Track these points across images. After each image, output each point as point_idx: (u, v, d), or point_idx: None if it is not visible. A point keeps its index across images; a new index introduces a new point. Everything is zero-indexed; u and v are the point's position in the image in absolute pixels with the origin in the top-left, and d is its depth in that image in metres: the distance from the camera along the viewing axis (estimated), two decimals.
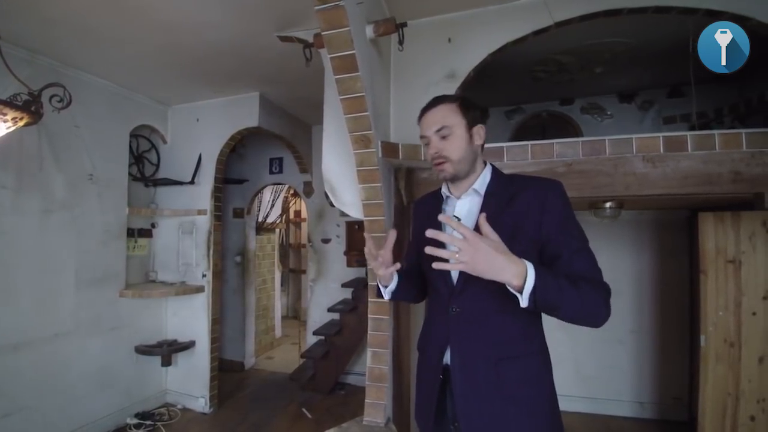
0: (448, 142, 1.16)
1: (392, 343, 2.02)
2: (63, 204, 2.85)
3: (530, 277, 0.93)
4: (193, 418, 3.41)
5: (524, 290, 0.93)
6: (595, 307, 0.99)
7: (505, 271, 0.93)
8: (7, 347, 2.52)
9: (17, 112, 1.48)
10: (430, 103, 1.22)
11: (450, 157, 1.16)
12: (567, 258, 1.05)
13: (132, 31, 2.38)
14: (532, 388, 1.12)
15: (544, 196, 1.11)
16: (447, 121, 1.16)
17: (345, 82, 1.57)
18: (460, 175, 1.18)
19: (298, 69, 2.85)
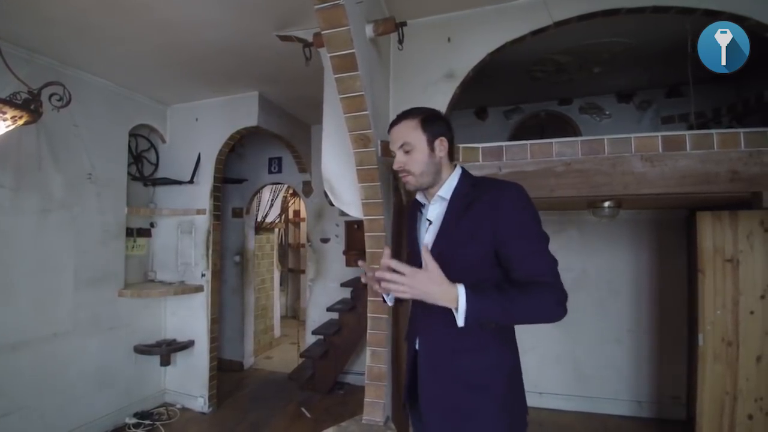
0: (410, 157, 1.25)
1: (391, 341, 2.03)
2: (62, 203, 2.85)
3: (461, 303, 1.03)
4: (192, 418, 3.41)
5: (458, 313, 1.04)
6: (544, 310, 1.09)
7: (440, 300, 1.05)
8: (5, 347, 2.52)
9: (17, 110, 1.48)
10: (395, 119, 1.31)
11: (412, 171, 1.25)
12: (518, 262, 1.13)
13: (131, 30, 2.38)
14: (487, 377, 1.19)
15: (499, 201, 1.16)
16: (408, 138, 1.25)
17: (344, 81, 1.58)
18: (423, 186, 1.28)
19: (298, 68, 2.85)
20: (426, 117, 1.28)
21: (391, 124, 1.31)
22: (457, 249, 1.18)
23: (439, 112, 1.34)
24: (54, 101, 1.55)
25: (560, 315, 1.09)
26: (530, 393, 3.46)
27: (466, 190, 1.25)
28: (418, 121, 1.26)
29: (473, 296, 1.04)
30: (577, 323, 3.50)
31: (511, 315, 1.08)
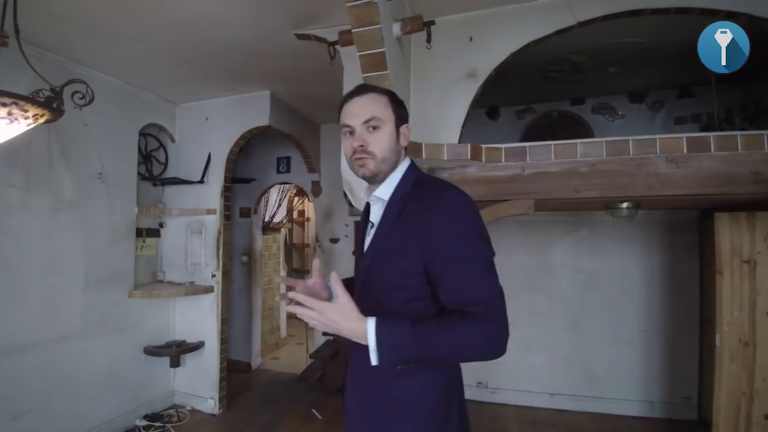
0: (376, 136, 1.04)
1: None
2: (72, 203, 2.81)
3: (370, 341, 0.89)
4: (202, 420, 3.38)
5: (369, 350, 0.89)
6: (469, 348, 0.91)
7: (351, 335, 0.92)
8: (14, 349, 2.48)
9: (39, 108, 1.45)
10: (356, 89, 1.09)
11: (375, 153, 1.03)
12: (446, 285, 0.95)
13: (144, 27, 2.35)
14: (409, 401, 1.02)
15: (429, 210, 0.96)
16: (378, 113, 1.04)
17: (372, 80, 1.56)
18: (380, 176, 1.07)
19: (311, 67, 2.85)
20: (395, 97, 1.10)
21: (349, 95, 1.08)
22: (386, 261, 1.01)
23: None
24: (77, 99, 1.52)
25: (492, 353, 0.92)
26: (541, 394, 3.51)
27: (406, 190, 1.04)
28: (388, 99, 1.07)
29: (384, 332, 0.89)
30: (588, 324, 3.50)
31: (429, 353, 0.89)
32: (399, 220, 1.00)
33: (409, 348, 0.88)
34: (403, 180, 1.07)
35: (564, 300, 3.54)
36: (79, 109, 1.55)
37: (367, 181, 1.10)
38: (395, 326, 0.90)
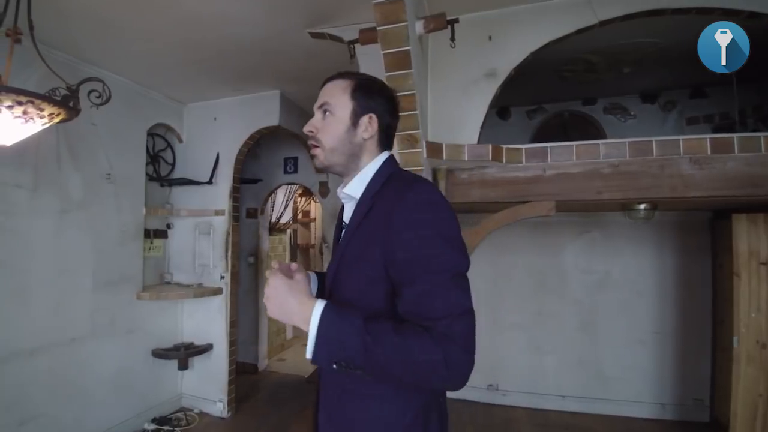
0: (325, 122, 0.96)
1: None
2: (80, 204, 2.78)
3: (312, 325, 0.77)
4: (211, 423, 3.35)
5: (308, 342, 0.77)
6: (421, 366, 0.75)
7: (293, 315, 0.81)
8: (23, 352, 2.44)
9: (55, 107, 1.42)
10: (330, 76, 1.01)
11: (322, 142, 0.95)
12: (407, 295, 0.81)
13: (153, 25, 2.32)
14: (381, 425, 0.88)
15: (392, 208, 0.85)
16: (331, 99, 0.96)
17: (396, 79, 1.53)
18: (332, 168, 0.98)
19: (323, 67, 2.81)
20: (362, 84, 0.97)
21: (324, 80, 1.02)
22: (352, 266, 0.90)
23: (386, 87, 1.02)
24: (93, 98, 1.49)
25: (448, 381, 0.77)
26: (552, 396, 3.48)
27: (377, 188, 0.93)
28: (350, 84, 0.96)
29: (329, 320, 0.77)
30: (600, 325, 3.47)
31: (375, 358, 0.75)
32: (365, 220, 0.89)
33: (352, 345, 0.75)
34: (375, 176, 0.95)
35: (575, 301, 3.52)
36: (96, 108, 1.51)
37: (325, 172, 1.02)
38: (344, 316, 0.78)
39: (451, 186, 1.95)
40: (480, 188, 1.95)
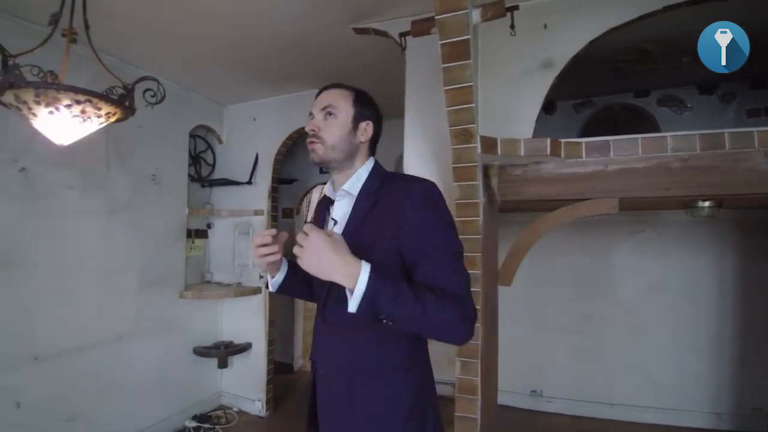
0: (329, 123, 1.08)
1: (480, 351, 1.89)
2: (127, 204, 2.83)
3: (362, 280, 0.84)
4: (249, 422, 3.36)
5: (354, 293, 0.85)
6: (449, 321, 0.89)
7: (335, 270, 0.86)
8: (72, 350, 2.50)
9: (112, 107, 1.42)
10: (329, 85, 1.16)
11: (324, 139, 1.07)
12: (423, 270, 0.95)
13: (196, 26, 2.33)
14: (386, 408, 1.02)
15: (403, 202, 1.00)
16: (335, 102, 1.09)
17: (453, 71, 1.45)
18: (329, 162, 1.09)
19: (363, 63, 2.78)
20: (362, 94, 1.14)
21: (321, 89, 1.15)
22: (362, 252, 0.95)
23: (373, 101, 1.18)
24: (148, 97, 1.49)
25: (465, 334, 0.92)
26: (600, 404, 3.31)
27: (375, 186, 1.08)
28: (352, 93, 1.12)
29: (382, 278, 0.86)
30: (652, 330, 3.29)
31: (413, 314, 0.87)
32: (374, 210, 1.02)
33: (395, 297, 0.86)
34: (371, 176, 1.11)
35: (625, 305, 3.34)
36: (151, 108, 1.51)
37: (321, 166, 1.12)
38: (390, 275, 0.89)
39: (504, 183, 1.86)
40: (535, 185, 1.85)
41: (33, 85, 1.18)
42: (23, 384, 2.22)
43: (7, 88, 1.16)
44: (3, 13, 2.10)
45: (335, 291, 1.02)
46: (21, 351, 2.23)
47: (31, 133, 2.18)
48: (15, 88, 1.17)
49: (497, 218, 1.89)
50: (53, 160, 2.36)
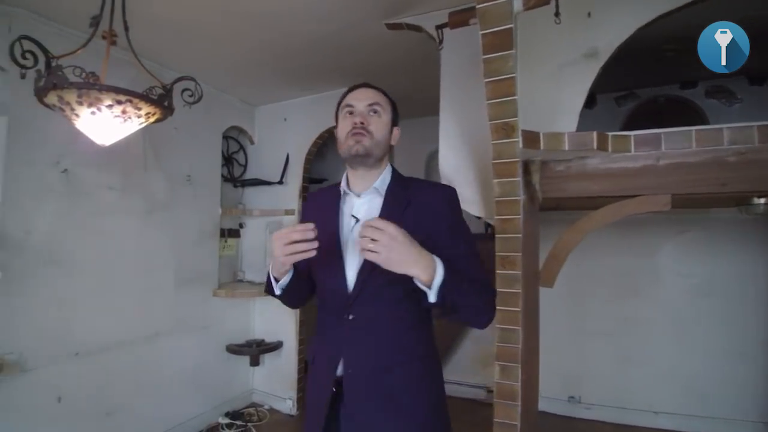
0: (376, 119, 1.15)
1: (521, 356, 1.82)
2: (163, 204, 2.89)
3: (439, 271, 0.94)
4: (280, 420, 3.38)
5: (433, 284, 0.94)
6: (487, 307, 1.09)
7: (417, 264, 0.93)
8: (111, 345, 2.56)
9: (151, 107, 1.44)
10: (361, 83, 1.22)
11: (372, 133, 1.12)
12: (456, 262, 1.02)
13: (230, 27, 2.35)
14: (413, 396, 1.10)
15: (436, 203, 1.15)
16: (381, 101, 1.17)
17: (494, 62, 1.39)
18: (371, 157, 1.13)
19: (394, 59, 2.74)
20: (393, 102, 1.24)
21: (356, 86, 1.21)
22: None
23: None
24: (186, 97, 1.50)
25: (488, 320, 1.10)
26: (644, 412, 3.14)
27: (399, 187, 1.17)
28: (388, 99, 1.21)
29: (447, 268, 0.95)
30: (698, 334, 3.10)
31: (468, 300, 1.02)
32: (408, 210, 1.10)
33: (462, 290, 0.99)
34: (394, 178, 1.20)
35: (670, 308, 3.16)
36: (188, 107, 1.52)
37: (355, 162, 1.14)
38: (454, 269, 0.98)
39: (546, 180, 1.77)
40: (579, 181, 1.76)
41: (76, 85, 1.19)
42: (64, 378, 2.29)
43: (51, 89, 1.17)
44: (44, 18, 2.17)
45: (367, 288, 1.08)
46: (63, 346, 2.30)
47: (72, 135, 2.25)
48: (58, 89, 1.19)
49: (538, 216, 1.81)
50: (94, 161, 2.43)
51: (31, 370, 2.13)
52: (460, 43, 1.92)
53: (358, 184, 1.18)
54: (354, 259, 1.10)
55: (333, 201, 1.21)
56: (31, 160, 2.16)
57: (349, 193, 1.19)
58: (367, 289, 1.08)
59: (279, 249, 0.99)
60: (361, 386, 1.07)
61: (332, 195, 1.23)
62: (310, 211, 1.31)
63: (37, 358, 2.17)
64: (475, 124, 1.90)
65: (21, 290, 2.11)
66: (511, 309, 1.68)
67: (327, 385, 1.10)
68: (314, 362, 1.21)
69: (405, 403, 1.08)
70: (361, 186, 1.17)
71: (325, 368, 1.12)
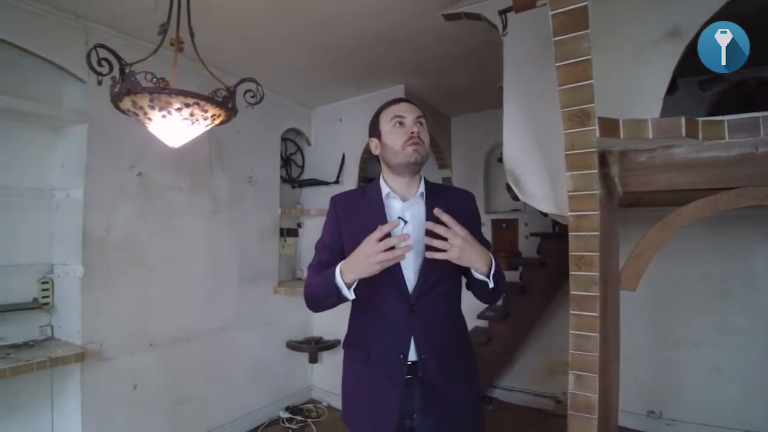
0: (423, 130, 1.27)
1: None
2: (227, 205, 3.01)
3: (494, 262, 1.19)
4: (339, 418, 3.38)
5: (492, 273, 1.17)
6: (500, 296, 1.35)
7: (482, 257, 1.14)
8: (181, 339, 2.71)
9: (217, 109, 1.47)
10: (402, 98, 1.36)
11: (424, 142, 1.26)
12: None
13: (291, 30, 2.39)
14: (468, 363, 1.35)
15: (464, 207, 1.34)
16: (423, 116, 1.30)
17: (567, 44, 1.28)
18: (420, 166, 1.28)
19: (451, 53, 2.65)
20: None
21: (400, 99, 1.34)
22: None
23: None
24: (248, 98, 1.52)
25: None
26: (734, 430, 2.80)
27: (433, 193, 1.32)
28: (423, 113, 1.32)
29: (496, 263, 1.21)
30: None
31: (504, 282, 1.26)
32: (448, 212, 1.14)
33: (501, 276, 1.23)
34: (427, 184, 1.34)
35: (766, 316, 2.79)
36: (251, 108, 1.54)
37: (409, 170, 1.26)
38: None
39: (626, 172, 1.60)
40: (665, 173, 1.57)
41: (148, 90, 1.24)
42: (140, 368, 2.45)
43: (125, 94, 1.23)
44: (115, 31, 2.33)
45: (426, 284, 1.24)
46: (139, 338, 2.46)
47: (145, 141, 2.41)
48: (132, 95, 1.24)
49: (616, 213, 1.65)
50: (165, 165, 2.58)
51: (110, 359, 2.29)
52: (526, 28, 1.80)
53: (402, 189, 1.30)
54: (409, 258, 1.20)
55: (372, 204, 1.30)
56: (110, 164, 2.32)
57: (393, 197, 1.29)
58: (427, 284, 1.24)
59: (376, 256, 1.05)
60: (433, 366, 1.23)
61: (364, 198, 1.34)
62: (343, 213, 1.35)
63: (116, 348, 2.33)
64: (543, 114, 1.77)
65: (102, 285, 2.27)
66: (587, 314, 1.54)
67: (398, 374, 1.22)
68: (371, 356, 1.28)
69: (463, 371, 1.31)
70: (404, 191, 1.30)
71: (392, 359, 1.23)
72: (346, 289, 1.17)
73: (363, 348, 1.31)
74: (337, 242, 1.34)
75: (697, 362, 2.95)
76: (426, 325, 1.24)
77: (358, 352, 1.33)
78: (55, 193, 2.29)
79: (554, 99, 1.50)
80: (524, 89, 1.83)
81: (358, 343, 1.35)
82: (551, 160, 1.73)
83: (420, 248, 1.19)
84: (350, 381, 1.41)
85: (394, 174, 1.30)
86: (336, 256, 1.30)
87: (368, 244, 1.08)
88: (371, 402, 1.28)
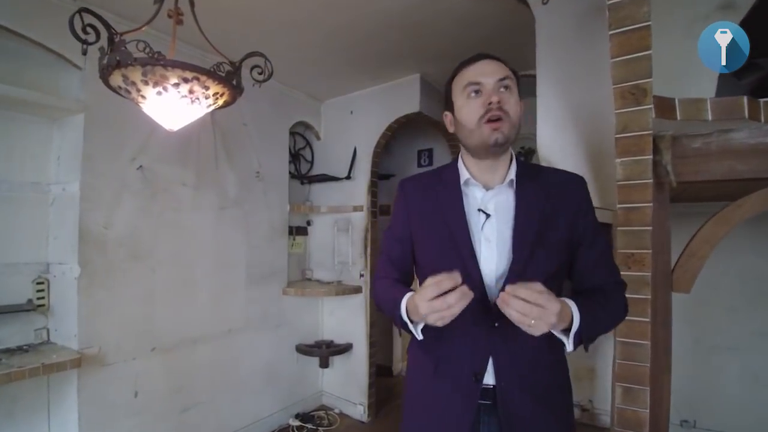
0: (508, 97, 0.97)
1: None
2: (235, 201, 2.87)
3: (576, 319, 0.88)
4: (352, 426, 3.24)
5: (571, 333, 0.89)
6: (619, 317, 1.04)
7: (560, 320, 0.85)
8: (187, 341, 2.56)
9: (219, 86, 1.31)
10: (482, 54, 1.02)
11: (510, 114, 0.96)
12: (597, 259, 1.03)
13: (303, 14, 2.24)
14: (562, 394, 1.09)
15: (571, 195, 1.04)
16: (510, 76, 0.99)
17: (624, 8, 1.11)
18: (508, 144, 0.99)
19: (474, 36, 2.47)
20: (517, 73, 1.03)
21: (474, 57, 1.01)
22: (537, 252, 0.97)
23: None
24: (255, 74, 1.37)
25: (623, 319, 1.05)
26: None
27: (528, 179, 1.03)
28: (512, 72, 1.01)
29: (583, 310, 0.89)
30: None
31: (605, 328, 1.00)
32: (547, 206, 1.00)
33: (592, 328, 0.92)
34: (519, 165, 1.05)
35: None
36: (258, 86, 1.39)
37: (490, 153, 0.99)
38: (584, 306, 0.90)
39: (679, 160, 1.42)
40: (724, 160, 1.39)
41: (140, 61, 1.08)
42: (142, 374, 2.30)
43: (115, 67, 1.07)
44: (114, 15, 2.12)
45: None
46: (141, 341, 2.31)
47: (146, 133, 2.26)
48: (122, 67, 1.09)
49: (668, 205, 1.47)
50: (168, 158, 2.44)
51: (109, 364, 2.15)
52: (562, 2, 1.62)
53: (485, 174, 1.04)
54: (491, 261, 0.99)
55: (448, 193, 1.05)
56: (108, 157, 2.18)
57: (474, 184, 1.04)
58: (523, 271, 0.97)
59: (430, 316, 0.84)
60: (516, 395, 1.00)
61: (440, 183, 1.09)
62: (414, 202, 1.12)
63: (116, 353, 2.18)
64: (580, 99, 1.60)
65: (102, 285, 2.13)
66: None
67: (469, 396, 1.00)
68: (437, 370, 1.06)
69: (557, 401, 1.06)
70: (487, 177, 1.04)
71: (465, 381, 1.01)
72: (414, 329, 0.98)
73: (430, 358, 1.08)
74: (408, 234, 1.13)
75: (735, 368, 2.75)
76: (510, 345, 1.00)
77: (426, 360, 1.09)
78: (52, 187, 2.15)
79: (595, 80, 1.33)
80: (561, 69, 1.65)
81: (423, 349, 1.10)
82: (594, 147, 1.55)
83: (505, 248, 0.98)
84: (414, 390, 1.16)
85: (473, 156, 1.04)
86: (408, 252, 1.13)
87: (423, 300, 0.85)
88: (434, 424, 1.07)
